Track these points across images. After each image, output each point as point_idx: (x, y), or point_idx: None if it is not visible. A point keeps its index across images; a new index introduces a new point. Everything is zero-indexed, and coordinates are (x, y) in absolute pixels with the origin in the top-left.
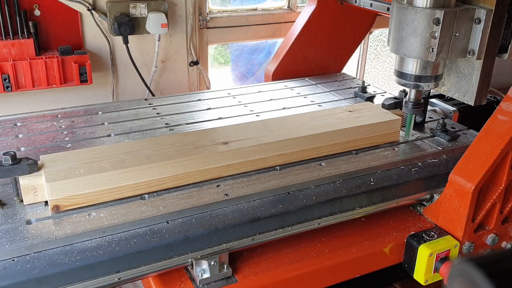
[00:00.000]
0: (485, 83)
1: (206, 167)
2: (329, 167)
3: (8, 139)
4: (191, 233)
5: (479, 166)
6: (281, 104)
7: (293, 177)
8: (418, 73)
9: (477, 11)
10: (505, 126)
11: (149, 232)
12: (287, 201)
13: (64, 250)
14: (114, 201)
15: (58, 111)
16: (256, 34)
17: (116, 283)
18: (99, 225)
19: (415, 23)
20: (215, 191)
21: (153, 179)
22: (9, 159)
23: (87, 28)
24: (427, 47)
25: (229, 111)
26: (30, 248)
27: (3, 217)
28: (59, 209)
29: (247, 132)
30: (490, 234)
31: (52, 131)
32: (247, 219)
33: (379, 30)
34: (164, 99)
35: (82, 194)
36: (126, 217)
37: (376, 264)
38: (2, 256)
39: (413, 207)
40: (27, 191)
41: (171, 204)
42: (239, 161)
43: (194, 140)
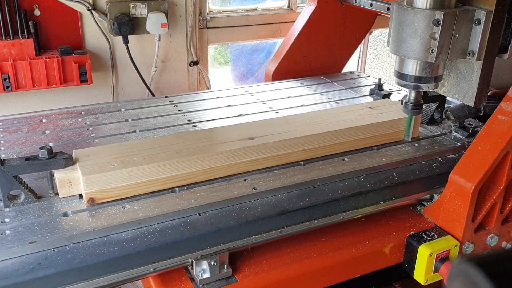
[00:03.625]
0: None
1: (234, 161)
2: (352, 162)
3: (36, 135)
4: (223, 225)
5: (479, 166)
6: (298, 101)
7: (317, 171)
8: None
9: (477, 12)
10: (505, 126)
11: (182, 223)
12: (313, 195)
13: (102, 241)
14: (146, 194)
15: (82, 108)
16: (256, 34)
17: (151, 273)
18: (134, 217)
19: (415, 24)
20: (243, 185)
21: (183, 173)
22: (46, 153)
23: (87, 28)
24: (427, 48)
25: (248, 108)
26: (70, 239)
27: (40, 209)
28: (94, 202)
29: (272, 128)
30: (490, 234)
31: (78, 127)
32: (276, 212)
33: (379, 30)
34: (184, 96)
35: (116, 187)
36: (159, 210)
37: (376, 264)
38: (44, 246)
39: (413, 207)
40: (63, 184)
41: (202, 197)
42: (265, 156)
43: (220, 135)
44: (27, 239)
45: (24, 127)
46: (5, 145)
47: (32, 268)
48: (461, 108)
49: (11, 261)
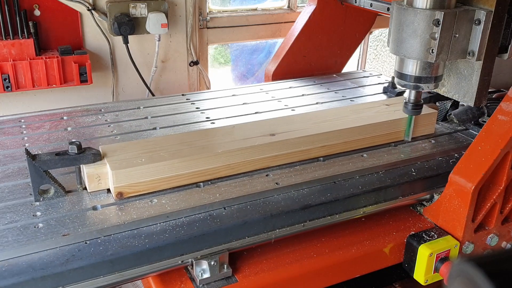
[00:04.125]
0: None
1: (256, 157)
2: (371, 158)
3: (58, 132)
4: (249, 218)
5: (479, 166)
6: (313, 99)
7: (337, 167)
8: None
9: (477, 12)
10: (505, 126)
11: (209, 217)
12: (334, 190)
13: (132, 233)
14: (172, 188)
15: (101, 106)
16: (256, 34)
17: (178, 265)
18: (162, 211)
19: (415, 24)
20: (265, 180)
21: (207, 168)
22: (75, 149)
23: (87, 28)
24: (427, 48)
25: (264, 105)
26: (101, 231)
27: (69, 203)
28: (123, 196)
29: (292, 124)
30: (490, 234)
31: (99, 124)
32: (299, 206)
33: (379, 30)
34: (200, 94)
35: (143, 181)
36: (186, 203)
37: (376, 264)
38: (76, 239)
39: (413, 207)
40: (92, 179)
41: (226, 192)
42: (286, 152)
43: (242, 132)
44: (60, 232)
45: (46, 124)
46: (29, 141)
47: (67, 259)
48: (464, 112)
49: (45, 252)
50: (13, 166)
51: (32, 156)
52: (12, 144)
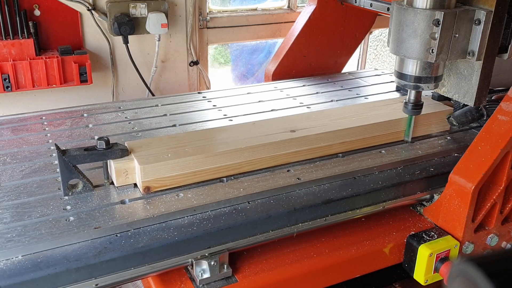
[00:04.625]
0: (485, 84)
1: (278, 153)
2: (390, 154)
3: (80, 129)
4: (273, 212)
5: (479, 166)
6: (328, 97)
7: (357, 163)
8: (418, 74)
9: (477, 12)
10: (505, 126)
11: (234, 211)
12: (355, 185)
13: (161, 226)
14: (196, 183)
15: (119, 103)
16: (256, 34)
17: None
18: (189, 205)
19: (415, 24)
20: (287, 175)
21: (231, 163)
22: (103, 144)
23: (87, 28)
24: (427, 48)
25: (279, 103)
26: (131, 224)
27: (98, 197)
28: (150, 190)
29: (311, 121)
30: (490, 234)
31: (119, 121)
32: (321, 201)
33: (379, 30)
34: (216, 92)
35: (170, 176)
36: (212, 198)
37: (376, 264)
38: (107, 231)
39: (413, 207)
40: (120, 173)
41: (250, 187)
42: (306, 147)
43: (263, 128)
44: (91, 225)
45: (67, 121)
46: (52, 137)
47: (99, 251)
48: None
49: (78, 245)
50: (39, 162)
51: (62, 151)
52: (36, 140)
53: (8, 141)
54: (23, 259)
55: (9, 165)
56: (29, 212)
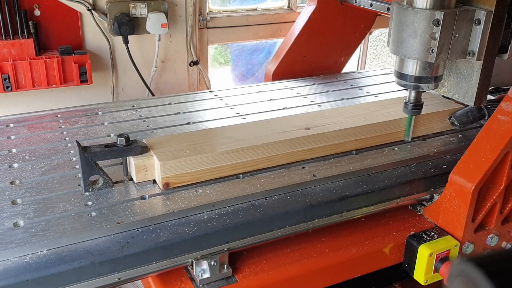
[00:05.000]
0: (485, 84)
1: (293, 150)
2: (403, 151)
3: (95, 127)
4: (290, 208)
5: (479, 166)
6: (339, 95)
7: (371, 160)
8: (418, 74)
9: (477, 12)
10: (505, 126)
11: (251, 206)
12: (369, 182)
13: (181, 221)
14: (214, 179)
15: (133, 102)
16: (256, 34)
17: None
18: (208, 200)
19: (415, 24)
20: (302, 172)
21: (248, 160)
22: (124, 141)
23: (87, 28)
24: (427, 48)
25: (290, 102)
26: (152, 219)
27: (118, 193)
28: (169, 186)
29: (326, 119)
30: (490, 234)
31: (134, 119)
32: (337, 197)
33: (379, 30)
34: (227, 91)
35: (189, 172)
36: (229, 194)
37: (376, 264)
38: (129, 226)
39: (413, 207)
40: (139, 170)
41: (266, 183)
42: (321, 145)
43: (278, 125)
44: (113, 220)
45: (82, 119)
46: (69, 135)
47: (122, 246)
48: (465, 114)
49: (101, 239)
50: (57, 159)
51: (84, 148)
52: (53, 138)
53: (25, 138)
54: (48, 253)
55: (28, 162)
56: (51, 208)
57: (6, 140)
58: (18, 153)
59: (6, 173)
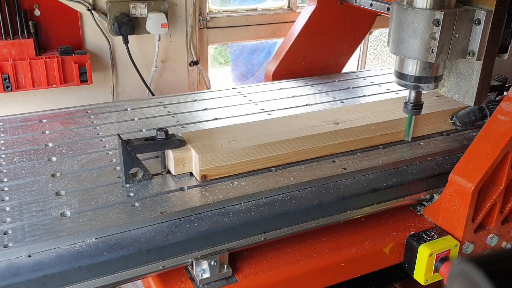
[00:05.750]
0: (485, 84)
1: (323, 144)
2: (428, 146)
3: (127, 122)
4: (323, 200)
5: (479, 166)
6: (360, 92)
7: (398, 154)
8: (418, 74)
9: (477, 12)
10: (505, 126)
11: (286, 198)
12: (398, 175)
13: (220, 212)
14: (248, 172)
15: (160, 98)
16: (256, 34)
17: (261, 242)
18: (244, 192)
19: (415, 24)
20: (333, 165)
21: (280, 154)
22: (163, 135)
23: (87, 28)
24: (427, 48)
25: (313, 98)
26: (193, 210)
27: (157, 185)
28: (206, 178)
29: (353, 114)
30: (490, 234)
31: (163, 115)
32: (368, 190)
33: (379, 30)
34: (249, 88)
35: (225, 165)
36: (265, 186)
37: (376, 264)
38: (172, 216)
39: (413, 207)
40: (178, 162)
41: (299, 176)
42: (350, 139)
43: (307, 120)
44: (156, 210)
45: (112, 115)
46: (101, 130)
47: (167, 234)
48: (466, 114)
49: (146, 228)
50: (94, 153)
51: (126, 141)
52: (87, 133)
53: (60, 133)
54: (97, 241)
55: (66, 155)
56: (95, 199)
57: (41, 135)
58: (54, 147)
59: (46, 166)
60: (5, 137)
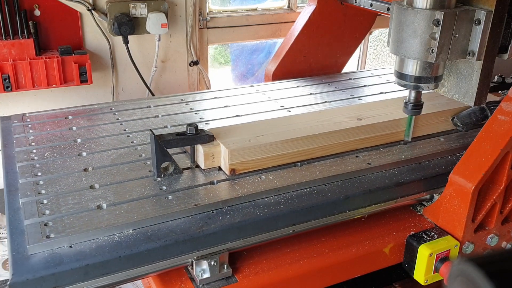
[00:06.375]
0: (485, 84)
1: (347, 139)
2: (448, 141)
3: (151, 119)
4: (350, 194)
5: (479, 166)
6: (377, 89)
7: (419, 150)
8: (418, 74)
9: (477, 12)
10: (505, 126)
11: (314, 192)
12: (421, 170)
13: (250, 204)
14: (274, 166)
15: (180, 96)
16: (256, 34)
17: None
18: (272, 186)
19: (415, 24)
20: (357, 160)
21: (306, 149)
22: (193, 130)
23: (87, 28)
24: (427, 48)
25: (331, 95)
26: (225, 202)
27: (188, 179)
28: (235, 172)
29: (374, 110)
30: (490, 234)
31: (186, 112)
32: (393, 184)
33: (379, 30)
34: (267, 86)
35: (253, 159)
36: (292, 180)
37: (376, 264)
38: (205, 208)
39: (413, 207)
40: (208, 157)
41: (324, 170)
42: (373, 135)
43: (330, 117)
44: (189, 202)
45: (137, 112)
46: (127, 127)
47: (201, 226)
48: (468, 115)
49: (181, 220)
50: (122, 148)
51: (158, 136)
52: (113, 129)
53: (87, 129)
54: (134, 232)
55: (96, 150)
56: (129, 192)
57: (69, 131)
58: (83, 143)
59: (77, 161)
60: (34, 133)
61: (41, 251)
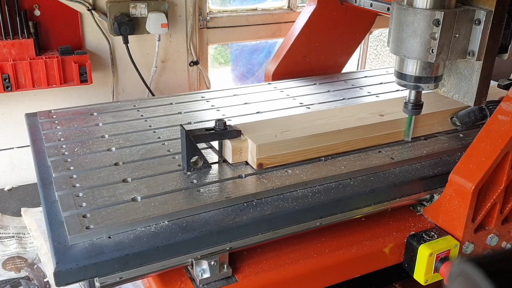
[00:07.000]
0: (485, 84)
1: (370, 135)
2: (467, 137)
3: (175, 116)
4: (375, 187)
5: (479, 166)
6: (393, 87)
7: (440, 145)
8: (418, 74)
9: (477, 12)
10: (505, 126)
11: (340, 185)
12: (443, 165)
13: (279, 197)
14: (300, 161)
15: (202, 93)
16: (256, 34)
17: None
18: (299, 180)
19: (415, 24)
20: (380, 156)
21: (330, 144)
22: (222, 125)
23: (87, 28)
24: (427, 48)
25: (348, 92)
26: (254, 195)
27: (217, 173)
28: (262, 167)
29: (395, 106)
30: (490, 234)
31: (207, 109)
32: (416, 178)
33: (379, 30)
34: (284, 83)
35: (279, 154)
36: (318, 174)
37: (376, 264)
38: (236, 201)
39: (413, 207)
40: (236, 152)
41: (349, 165)
42: (395, 130)
43: (352, 113)
44: (221, 195)
45: (159, 109)
46: (152, 123)
47: (234, 217)
48: (467, 114)
49: (214, 212)
50: (150, 144)
51: (189, 131)
52: (139, 125)
53: (113, 125)
54: (170, 224)
55: (124, 146)
56: (162, 185)
57: (95, 126)
58: (111, 138)
59: (107, 156)
60: (62, 129)
61: (81, 241)
